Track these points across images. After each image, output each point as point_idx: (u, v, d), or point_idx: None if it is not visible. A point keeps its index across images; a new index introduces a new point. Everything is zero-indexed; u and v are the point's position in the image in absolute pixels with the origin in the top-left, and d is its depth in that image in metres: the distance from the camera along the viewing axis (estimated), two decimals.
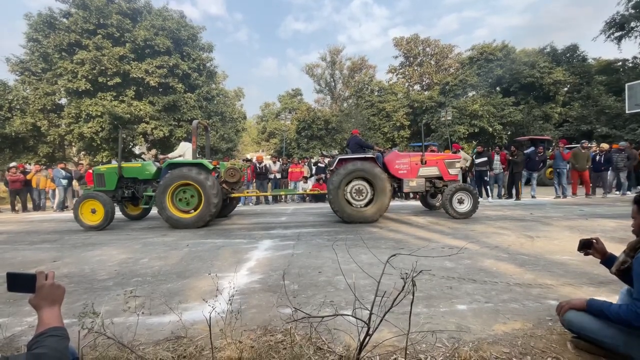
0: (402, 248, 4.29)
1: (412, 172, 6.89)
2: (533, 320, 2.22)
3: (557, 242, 4.46)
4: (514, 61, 24.29)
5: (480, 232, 5.31)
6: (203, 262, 3.97)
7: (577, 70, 23.60)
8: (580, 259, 3.59)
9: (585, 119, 21.03)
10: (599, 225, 5.56)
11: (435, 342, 1.93)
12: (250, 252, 4.38)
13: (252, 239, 5.26)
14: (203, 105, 19.05)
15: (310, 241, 4.91)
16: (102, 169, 7.22)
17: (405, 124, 25.58)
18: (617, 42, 21.81)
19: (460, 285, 2.93)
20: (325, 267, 3.55)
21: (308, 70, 36.92)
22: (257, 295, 2.81)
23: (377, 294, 1.58)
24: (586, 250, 1.96)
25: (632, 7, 20.34)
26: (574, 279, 3.02)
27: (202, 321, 2.18)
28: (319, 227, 6.23)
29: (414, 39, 30.83)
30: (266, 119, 34.70)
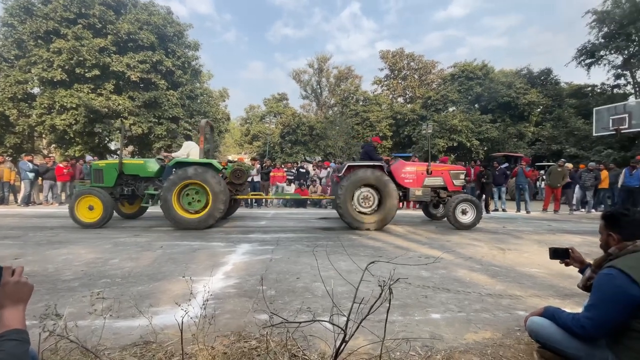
0: (380, 256, 4.33)
1: (418, 181, 7.00)
2: (502, 330, 2.30)
3: (526, 255, 4.65)
4: (492, 80, 25.41)
5: (455, 242, 5.45)
6: (177, 264, 3.85)
7: (550, 93, 24.96)
8: (548, 271, 3.77)
9: (555, 139, 22.19)
10: (566, 240, 5.85)
11: (409, 350, 1.95)
12: (228, 255, 4.29)
13: (229, 242, 5.16)
14: (186, 103, 18.66)
15: (289, 246, 4.87)
16: (101, 164, 6.94)
17: (388, 134, 26.06)
18: (587, 69, 23.31)
19: (435, 294, 2.99)
20: (304, 273, 3.53)
21: (295, 76, 37.03)
22: (232, 300, 2.75)
23: (354, 300, 1.58)
24: (564, 260, 2.05)
25: (602, 36, 21.86)
26: (541, 290, 3.15)
27: (173, 326, 2.10)
28: (299, 232, 6.20)
29: (400, 53, 31.67)
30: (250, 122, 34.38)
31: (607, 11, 21.30)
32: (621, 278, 1.49)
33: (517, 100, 23.46)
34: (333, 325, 1.59)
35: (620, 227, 1.69)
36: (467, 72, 26.06)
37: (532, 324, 1.92)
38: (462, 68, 26.62)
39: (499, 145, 23.09)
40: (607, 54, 22.33)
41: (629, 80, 22.36)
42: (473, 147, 23.14)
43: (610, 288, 1.53)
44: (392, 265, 2.25)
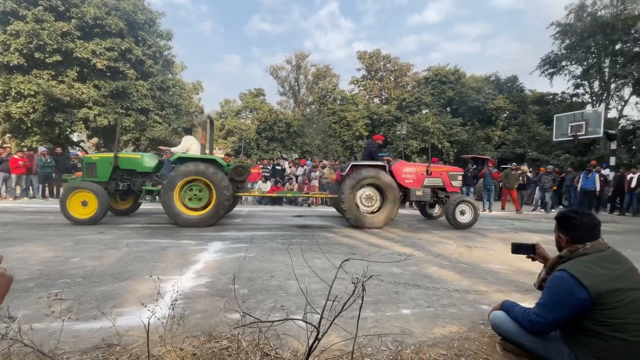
0: (354, 254, 4.40)
1: (418, 181, 7.13)
2: (468, 324, 2.41)
3: (491, 252, 4.90)
4: (463, 85, 26.49)
5: (426, 240, 5.64)
6: (144, 263, 3.69)
7: (516, 99, 26.38)
8: (510, 268, 3.99)
9: (519, 143, 23.52)
10: (527, 238, 6.22)
11: (380, 345, 2.00)
12: (199, 254, 4.17)
13: (201, 240, 5.02)
14: (156, 95, 17.87)
15: (263, 244, 4.82)
16: (94, 157, 6.57)
17: (364, 134, 26.42)
18: (550, 78, 24.87)
19: (406, 290, 3.08)
20: (278, 271, 3.51)
21: (273, 72, 36.56)
22: (203, 300, 2.68)
23: (328, 298, 1.59)
24: (530, 255, 2.17)
25: (564, 48, 23.38)
26: (504, 286, 3.33)
27: (139, 327, 2.02)
28: (274, 230, 6.14)
29: (376, 54, 32.15)
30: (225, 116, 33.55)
31: (569, 24, 22.82)
32: (571, 281, 1.60)
33: (486, 105, 24.62)
34: (306, 323, 1.59)
35: (569, 229, 1.81)
36: (440, 76, 26.96)
37: (494, 318, 2.04)
38: (436, 72, 27.51)
39: (468, 147, 24.13)
40: (568, 65, 23.95)
41: (587, 90, 24.11)
42: (444, 149, 24.03)
43: (560, 290, 1.64)
44: (365, 262, 2.30)
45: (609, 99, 23.16)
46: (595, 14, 21.76)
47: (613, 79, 22.45)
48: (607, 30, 21.09)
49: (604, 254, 1.67)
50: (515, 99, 26.34)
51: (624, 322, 1.51)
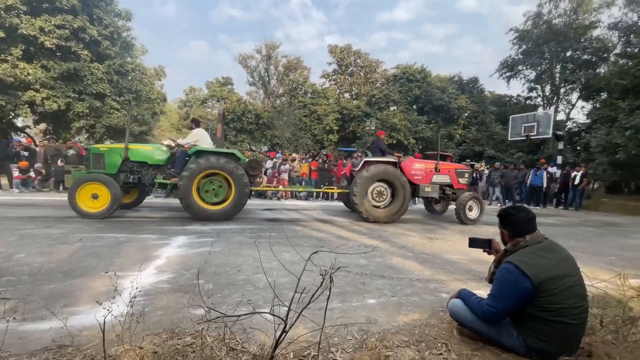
0: (323, 246, 4.44)
1: (427, 178, 7.31)
2: (429, 311, 2.54)
3: (450, 243, 5.18)
4: (429, 84, 27.51)
5: (391, 232, 5.84)
6: (100, 259, 3.46)
7: (476, 100, 27.91)
8: (468, 258, 4.25)
9: (478, 141, 24.99)
10: (483, 230, 6.64)
11: (346, 335, 2.05)
12: (161, 249, 3.99)
13: (163, 234, 4.80)
14: (114, 79, 16.66)
15: (230, 238, 4.71)
16: (102, 148, 6.23)
17: (334, 128, 26.60)
18: (507, 81, 26.55)
19: (372, 281, 3.17)
20: (246, 265, 3.45)
21: (242, 61, 35.45)
22: (165, 296, 2.58)
23: (296, 290, 1.59)
24: (486, 249, 2.31)
25: (521, 53, 25.00)
26: (462, 275, 3.55)
27: (94, 327, 1.90)
28: (241, 223, 6.02)
29: (347, 48, 32.33)
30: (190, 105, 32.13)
31: (527, 30, 24.42)
32: (515, 272, 1.75)
33: (449, 105, 25.80)
34: (273, 316, 1.59)
35: (508, 225, 1.98)
36: (408, 74, 27.76)
37: (452, 306, 2.17)
38: (404, 70, 28.27)
39: (432, 144, 25.20)
40: (524, 69, 25.70)
41: (539, 94, 26.07)
42: (410, 145, 24.91)
43: (507, 281, 1.79)
44: (333, 255, 2.33)
45: (558, 102, 25.24)
46: (550, 22, 23.47)
47: (563, 84, 24.46)
48: (560, 38, 22.87)
49: (542, 245, 1.83)
50: (476, 99, 27.86)
51: (563, 307, 1.68)
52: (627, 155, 12.50)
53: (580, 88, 23.46)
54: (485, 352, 1.93)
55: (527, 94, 26.47)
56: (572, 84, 23.82)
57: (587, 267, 1.88)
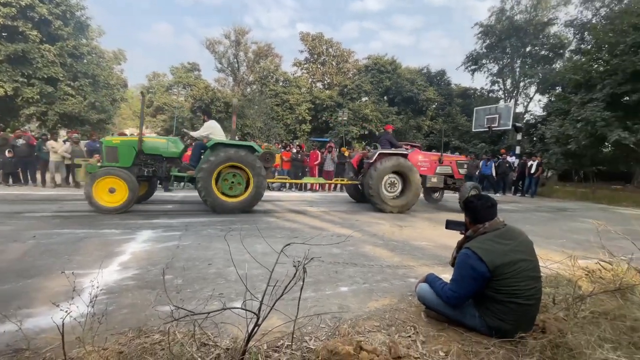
0: (296, 237, 4.45)
1: (431, 169, 7.77)
2: (398, 296, 2.64)
3: (419, 230, 5.40)
4: (399, 76, 28.00)
5: (363, 221, 5.96)
6: (57, 257, 3.23)
7: (443, 92, 28.88)
8: (434, 244, 4.45)
9: (445, 132, 25.97)
10: (449, 216, 6.95)
11: (320, 323, 2.08)
12: (125, 244, 3.79)
13: (127, 229, 4.56)
14: (67, 62, 15.34)
15: (200, 231, 4.58)
16: (114, 141, 6.15)
17: (307, 118, 26.43)
18: (472, 74, 27.67)
19: (344, 269, 3.24)
20: (217, 258, 3.38)
21: (209, 46, 33.92)
22: (130, 294, 2.47)
23: (269, 283, 1.58)
24: (462, 231, 2.39)
25: (485, 47, 26.05)
26: (429, 260, 3.71)
27: (52, 329, 1.78)
28: (211, 216, 5.86)
29: (319, 37, 31.96)
30: (154, 91, 30.45)
31: (490, 25, 25.43)
32: (473, 257, 1.86)
33: (418, 96, 26.49)
34: (245, 310, 1.57)
35: (470, 212, 2.10)
36: (379, 65, 28.05)
37: (419, 290, 2.27)
38: (375, 61, 28.51)
39: (402, 135, 25.85)
40: (487, 63, 26.87)
41: (501, 87, 27.46)
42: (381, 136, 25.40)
43: (465, 265, 1.90)
44: (307, 245, 2.33)
45: (518, 95, 26.74)
46: (512, 17, 24.60)
47: (522, 78, 25.90)
48: (521, 33, 24.07)
49: (500, 232, 1.96)
50: (443, 91, 28.81)
51: (517, 289, 1.82)
52: (577, 145, 13.59)
53: (537, 82, 25.01)
54: (450, 332, 2.04)
55: (490, 87, 27.82)
56: (530, 78, 25.32)
57: (541, 249, 2.04)
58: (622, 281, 2.41)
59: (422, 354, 1.79)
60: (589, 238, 5.02)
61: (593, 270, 2.89)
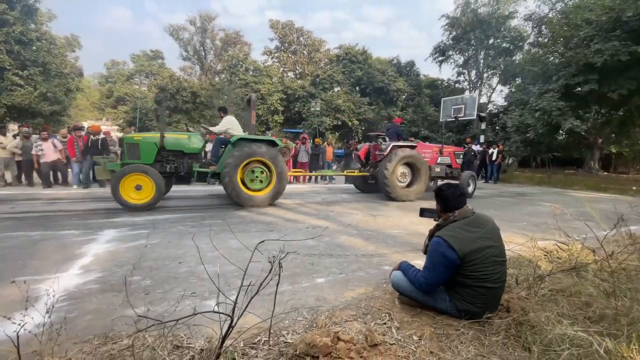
0: (271, 231, 4.40)
1: (434, 160, 8.36)
2: (373, 285, 2.69)
3: (391, 219, 5.53)
4: (370, 66, 28.21)
5: (337, 212, 6.01)
6: (9, 262, 2.97)
7: (413, 83, 29.52)
8: (406, 232, 4.58)
9: (415, 122, 26.68)
10: (419, 204, 7.17)
11: (297, 316, 2.07)
12: (86, 245, 3.55)
13: (88, 229, 4.28)
14: (14, 49, 13.94)
15: (169, 229, 4.39)
16: (136, 137, 6.07)
17: (279, 109, 26.02)
18: (440, 65, 28.44)
19: (320, 260, 3.25)
20: (188, 256, 3.26)
21: (173, 32, 32.24)
22: (94, 298, 2.32)
23: (243, 281, 1.54)
24: (436, 218, 2.44)
25: (451, 39, 26.80)
26: (401, 248, 3.82)
27: (6, 342, 1.63)
28: (181, 212, 5.64)
29: (290, 25, 31.38)
30: (113, 81, 28.57)
31: (456, 17, 26.15)
32: (444, 245, 1.94)
33: (389, 87, 26.89)
34: (218, 314, 1.53)
35: (440, 200, 2.18)
36: (350, 55, 28.06)
37: (393, 278, 2.33)
38: (346, 51, 28.48)
39: (374, 125, 26.24)
40: (454, 54, 27.72)
41: (466, 78, 28.49)
42: (354, 127, 25.59)
43: (436, 253, 1.97)
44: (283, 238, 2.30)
45: (481, 86, 27.90)
46: (476, 10, 25.43)
47: (485, 70, 27.02)
48: (484, 26, 24.98)
49: (469, 220, 2.04)
50: (412, 82, 29.44)
51: (484, 274, 1.91)
52: (535, 134, 14.50)
53: (499, 73, 26.22)
54: (423, 317, 2.12)
55: (456, 78, 28.80)
56: (493, 69, 26.50)
57: (505, 233, 2.16)
58: (577, 260, 2.61)
59: (397, 339, 1.84)
60: (546, 220, 5.40)
61: (551, 250, 3.11)
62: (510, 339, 1.83)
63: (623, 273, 2.50)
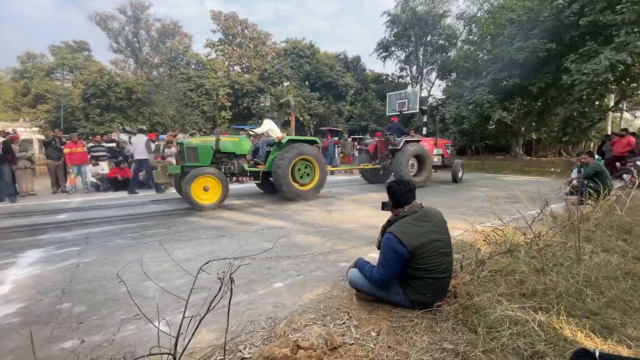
0: (224, 235, 4.19)
1: (430, 151, 9.68)
2: (331, 283, 2.70)
3: (346, 213, 5.62)
4: (318, 61, 28.31)
5: (293, 210, 5.95)
6: None
7: (360, 78, 30.30)
8: (360, 225, 4.69)
9: (363, 116, 27.50)
10: (370, 197, 7.43)
11: (254, 328, 1.99)
12: (2, 272, 3.05)
13: (5, 251, 3.67)
14: None
15: (106, 243, 3.94)
16: (194, 142, 6.49)
17: (226, 104, 24.96)
18: (383, 60, 29.52)
19: (277, 263, 3.17)
20: (130, 273, 2.95)
21: (100, 21, 29.01)
22: (15, 334, 1.99)
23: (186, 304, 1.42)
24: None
25: (393, 35, 27.93)
26: (357, 242, 3.90)
27: None
28: (119, 223, 5.10)
29: (233, 16, 30.13)
30: (30, 76, 24.96)
31: (397, 14, 27.29)
32: (394, 241, 2.01)
33: (337, 82, 27.28)
34: (160, 349, 1.39)
35: (391, 196, 2.26)
36: (298, 49, 27.86)
37: (350, 275, 2.36)
38: (294, 45, 28.21)
39: (325, 120, 26.49)
40: (396, 50, 28.97)
41: (408, 73, 30.00)
42: (305, 122, 25.57)
43: (388, 249, 2.04)
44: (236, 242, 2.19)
45: (422, 81, 29.63)
46: (414, 8, 26.78)
47: (425, 65, 28.72)
48: (422, 24, 26.45)
49: (417, 215, 2.13)
50: (359, 77, 30.21)
51: (433, 265, 2.02)
52: (470, 125, 15.83)
53: (437, 69, 28.07)
54: (380, 311, 2.17)
55: (399, 73, 30.19)
56: (431, 65, 28.27)
57: (447, 219, 2.28)
58: (511, 242, 2.89)
59: (356, 338, 1.86)
60: (483, 205, 5.93)
61: (488, 234, 3.40)
62: (459, 323, 1.96)
63: (549, 250, 2.83)
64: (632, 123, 25.51)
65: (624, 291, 2.29)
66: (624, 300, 2.19)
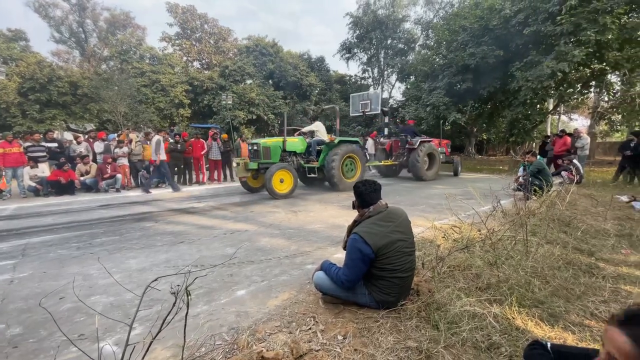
0: (182, 242, 3.95)
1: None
2: (297, 287, 2.65)
3: (312, 214, 5.59)
4: (282, 59, 27.99)
5: (257, 212, 5.79)
6: None
7: (324, 78, 30.43)
8: (326, 225, 4.68)
9: (328, 117, 27.69)
10: (337, 197, 7.48)
11: (215, 341, 1.88)
12: None
13: None
14: None
15: (46, 255, 3.53)
16: (268, 142, 7.65)
17: (185, 101, 23.77)
18: (347, 61, 29.96)
19: (240, 269, 3.05)
20: (73, 288, 2.67)
21: (39, 9, 26.21)
22: None
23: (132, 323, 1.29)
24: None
25: (355, 37, 28.43)
26: (323, 242, 3.88)
27: None
28: (62, 231, 4.60)
29: (191, 10, 28.77)
30: None
31: (359, 17, 27.82)
32: (360, 241, 2.02)
33: (302, 81, 27.18)
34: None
35: (357, 196, 2.27)
36: (260, 47, 27.31)
37: (316, 278, 2.33)
38: (256, 42, 27.61)
39: (289, 120, 26.28)
40: (358, 52, 29.54)
41: (370, 75, 30.73)
42: (270, 121, 25.17)
43: (355, 250, 2.05)
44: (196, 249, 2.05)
45: (383, 83, 30.54)
46: (375, 12, 27.48)
47: (385, 68, 29.61)
48: (383, 27, 27.23)
49: (382, 215, 2.15)
50: (323, 77, 30.35)
51: (396, 265, 2.05)
52: (428, 126, 16.60)
53: (397, 72, 29.09)
54: (346, 314, 2.16)
55: (362, 75, 30.83)
56: (391, 67, 29.22)
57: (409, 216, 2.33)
58: (467, 239, 3.04)
59: (323, 343, 1.83)
60: (440, 202, 6.22)
61: (447, 230, 3.55)
62: (422, 321, 2.01)
63: (500, 244, 3.02)
64: (569, 125, 28.40)
65: (566, 280, 2.51)
66: (567, 289, 2.39)
